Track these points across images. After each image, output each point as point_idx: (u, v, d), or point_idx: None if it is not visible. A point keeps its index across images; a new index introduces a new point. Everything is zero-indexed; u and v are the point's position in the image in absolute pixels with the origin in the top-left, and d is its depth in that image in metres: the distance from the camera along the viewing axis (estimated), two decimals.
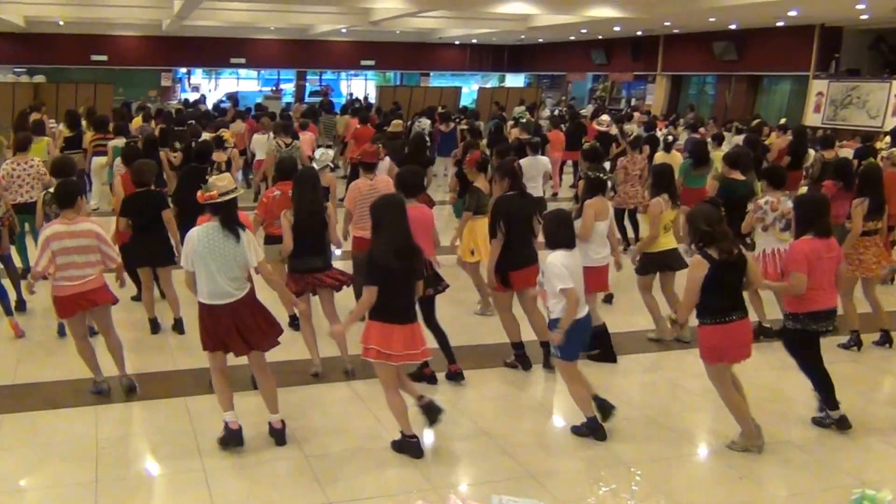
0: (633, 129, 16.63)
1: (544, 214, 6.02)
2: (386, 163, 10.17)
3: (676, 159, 11.90)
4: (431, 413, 5.66)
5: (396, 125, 14.07)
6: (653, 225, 7.74)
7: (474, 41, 35.23)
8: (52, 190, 7.30)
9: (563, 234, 5.77)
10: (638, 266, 7.98)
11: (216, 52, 33.38)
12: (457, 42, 35.69)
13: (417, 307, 5.86)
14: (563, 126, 17.95)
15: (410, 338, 5.45)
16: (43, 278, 6.33)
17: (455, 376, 6.93)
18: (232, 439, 5.62)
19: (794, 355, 6.15)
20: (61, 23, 27.98)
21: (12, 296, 8.34)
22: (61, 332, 7.68)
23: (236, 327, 5.52)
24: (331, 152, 9.40)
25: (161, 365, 7.28)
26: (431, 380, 6.84)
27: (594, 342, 6.92)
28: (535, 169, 10.45)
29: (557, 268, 5.63)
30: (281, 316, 6.59)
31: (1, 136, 14.38)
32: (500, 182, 7.32)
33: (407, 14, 22.47)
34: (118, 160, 10.49)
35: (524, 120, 17.60)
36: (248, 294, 5.63)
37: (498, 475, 5.45)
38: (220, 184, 5.47)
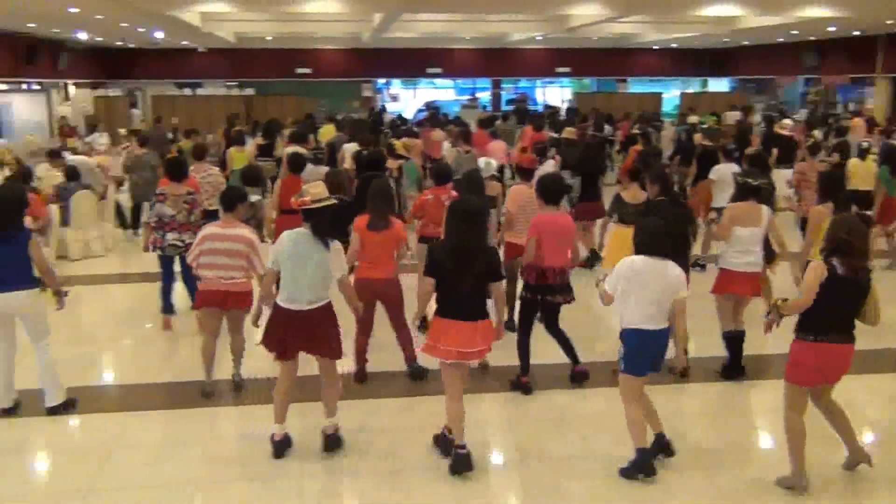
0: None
1: (636, 224, 5.68)
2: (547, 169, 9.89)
3: (869, 167, 11.08)
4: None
5: (569, 132, 13.65)
6: (810, 231, 7.15)
7: (674, 45, 34.14)
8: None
9: (649, 243, 5.36)
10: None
11: (413, 62, 34.18)
12: (655, 47, 34.75)
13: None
14: (751, 132, 16.91)
15: (470, 335, 5.31)
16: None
17: (578, 377, 6.93)
18: (275, 450, 5.72)
19: None
20: (269, 38, 29.54)
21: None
22: None
23: (311, 336, 5.58)
24: (493, 162, 9.35)
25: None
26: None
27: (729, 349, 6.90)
28: (726, 177, 9.86)
29: (619, 268, 5.37)
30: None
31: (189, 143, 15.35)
32: (651, 187, 7.14)
33: (605, 20, 22.08)
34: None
35: (706, 126, 16.88)
36: (326, 304, 5.67)
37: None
38: (314, 191, 5.56)
